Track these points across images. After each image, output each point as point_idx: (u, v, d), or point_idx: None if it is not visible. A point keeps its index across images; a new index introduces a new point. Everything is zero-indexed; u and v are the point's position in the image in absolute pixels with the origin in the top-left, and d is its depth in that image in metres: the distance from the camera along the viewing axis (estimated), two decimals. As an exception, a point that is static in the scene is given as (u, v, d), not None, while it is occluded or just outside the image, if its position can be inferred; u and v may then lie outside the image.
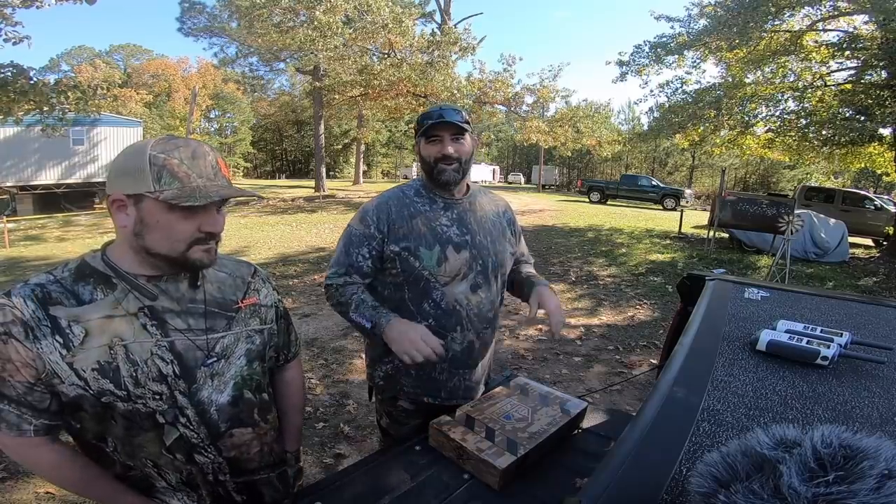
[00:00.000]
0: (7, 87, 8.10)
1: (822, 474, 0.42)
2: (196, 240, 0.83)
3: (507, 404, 1.29)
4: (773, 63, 9.66)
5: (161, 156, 0.79)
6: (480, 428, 1.17)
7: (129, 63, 39.62)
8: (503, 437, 1.13)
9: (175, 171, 0.79)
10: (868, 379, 0.86)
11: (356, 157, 27.45)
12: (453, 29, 14.64)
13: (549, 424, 1.19)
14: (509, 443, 1.11)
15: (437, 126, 1.30)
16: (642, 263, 7.74)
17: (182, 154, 0.80)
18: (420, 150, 1.36)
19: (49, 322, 0.78)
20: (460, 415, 1.22)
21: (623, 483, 0.62)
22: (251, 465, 0.98)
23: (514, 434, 1.15)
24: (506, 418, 1.22)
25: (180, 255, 0.83)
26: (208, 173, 0.82)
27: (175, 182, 0.79)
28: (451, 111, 1.31)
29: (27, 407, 0.79)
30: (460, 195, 1.39)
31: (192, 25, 22.82)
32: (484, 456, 1.06)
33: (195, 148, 0.82)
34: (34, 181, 16.42)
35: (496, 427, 1.17)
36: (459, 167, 1.32)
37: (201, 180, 0.81)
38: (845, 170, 18.65)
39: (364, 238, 1.33)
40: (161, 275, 0.87)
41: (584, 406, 1.31)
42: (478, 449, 1.09)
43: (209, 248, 0.86)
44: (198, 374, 0.88)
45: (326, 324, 4.72)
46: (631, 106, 39.97)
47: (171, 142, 0.81)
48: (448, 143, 1.30)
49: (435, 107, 1.34)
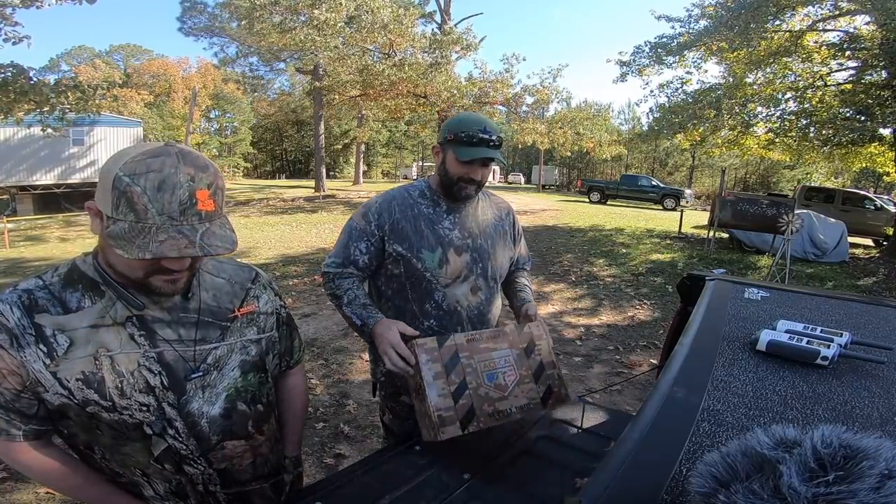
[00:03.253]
0: (7, 87, 8.10)
1: (822, 474, 0.42)
2: (155, 270, 0.77)
3: (504, 357, 1.20)
4: (774, 63, 9.66)
5: (125, 179, 0.70)
6: (457, 377, 1.11)
7: (129, 63, 39.62)
8: (468, 402, 1.08)
9: (133, 202, 0.70)
10: (868, 379, 0.86)
11: (356, 157, 27.45)
12: (455, 28, 14.65)
13: (519, 409, 1.14)
14: (468, 412, 1.06)
15: (476, 151, 1.27)
16: (642, 264, 7.74)
17: (148, 182, 0.70)
18: (446, 158, 1.32)
19: (34, 330, 0.76)
20: (450, 345, 1.15)
21: (623, 483, 0.62)
22: (243, 477, 0.95)
23: (481, 403, 1.09)
24: (488, 378, 1.14)
25: (139, 280, 0.79)
26: (171, 210, 0.71)
27: (130, 214, 0.70)
28: (492, 134, 1.27)
29: (15, 413, 0.78)
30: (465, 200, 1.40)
31: (193, 25, 22.88)
32: (436, 415, 1.03)
33: (167, 177, 0.71)
34: (34, 181, 16.42)
35: (471, 384, 1.11)
36: (478, 188, 1.35)
37: (161, 218, 0.71)
38: (845, 170, 18.65)
39: (363, 234, 1.34)
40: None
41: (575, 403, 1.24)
42: (436, 407, 1.05)
43: (174, 279, 0.80)
44: (187, 385, 0.85)
45: (326, 324, 4.72)
46: (631, 106, 40.03)
47: (146, 162, 0.71)
48: (479, 168, 1.31)
49: (476, 121, 1.29)
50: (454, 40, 13.56)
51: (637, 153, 37.52)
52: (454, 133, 1.29)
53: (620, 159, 39.37)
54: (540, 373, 1.23)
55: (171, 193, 0.71)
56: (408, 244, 1.32)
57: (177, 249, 0.71)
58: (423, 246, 1.32)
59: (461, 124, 1.29)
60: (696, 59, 10.45)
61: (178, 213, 0.72)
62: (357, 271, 1.36)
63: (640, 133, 15.34)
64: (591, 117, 15.78)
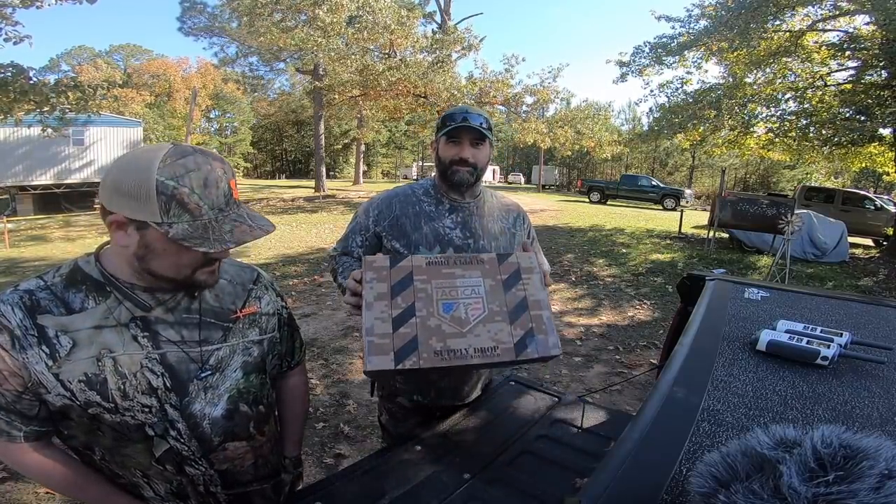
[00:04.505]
0: (7, 87, 8.10)
1: (822, 474, 0.42)
2: (202, 264, 0.81)
3: (472, 287, 0.95)
4: (774, 63, 9.66)
5: (170, 183, 0.72)
6: (404, 302, 0.90)
7: (129, 63, 39.56)
8: (411, 332, 0.87)
9: (185, 203, 0.73)
10: (868, 379, 0.86)
11: (356, 157, 27.44)
12: (456, 28, 14.64)
13: (479, 352, 0.87)
14: (407, 344, 0.85)
15: (459, 128, 1.29)
16: (642, 264, 7.74)
17: (193, 182, 0.73)
18: (438, 148, 1.36)
19: (36, 331, 0.76)
20: (405, 265, 0.96)
21: (623, 483, 0.62)
22: (244, 478, 0.96)
23: (428, 336, 0.87)
24: (445, 308, 0.91)
25: (185, 279, 0.81)
26: (220, 203, 0.77)
27: (185, 215, 0.74)
28: (475, 115, 1.30)
29: (16, 414, 0.78)
30: (469, 198, 1.39)
31: (193, 25, 22.88)
32: (366, 340, 0.86)
33: (207, 174, 0.75)
34: (34, 181, 16.42)
35: (419, 311, 0.89)
36: (474, 172, 1.33)
37: (213, 212, 0.76)
38: (845, 170, 18.65)
39: (362, 228, 1.38)
40: (157, 286, 0.84)
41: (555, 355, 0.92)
42: (369, 331, 0.87)
43: (213, 269, 0.84)
44: (190, 386, 0.85)
45: (326, 324, 4.72)
46: (631, 106, 40.05)
47: (180, 163, 0.73)
48: (467, 147, 1.31)
49: (461, 107, 1.33)
50: (456, 40, 13.56)
51: (637, 153, 37.49)
52: (442, 121, 1.34)
53: (620, 159, 39.40)
54: (519, 312, 0.94)
55: (216, 188, 0.76)
56: (406, 241, 1.32)
57: (250, 234, 0.79)
58: (420, 243, 1.32)
59: (447, 114, 1.34)
60: (696, 59, 10.45)
61: (224, 205, 0.77)
62: (354, 260, 1.39)
63: (640, 133, 15.34)
64: (592, 116, 15.78)
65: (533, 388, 1.59)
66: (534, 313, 0.94)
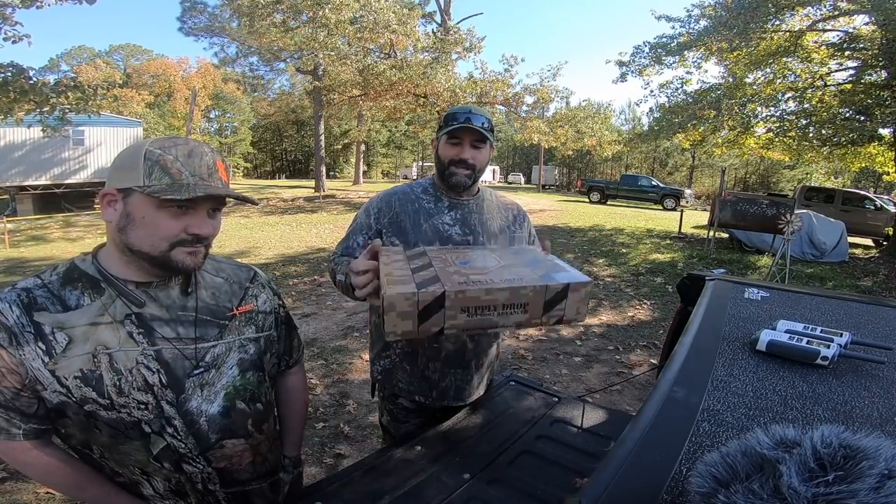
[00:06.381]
0: (7, 87, 8.10)
1: (822, 474, 0.42)
2: (180, 241, 0.80)
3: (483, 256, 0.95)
4: (774, 63, 9.66)
5: (157, 151, 0.78)
6: (421, 261, 0.89)
7: (129, 63, 39.57)
8: (432, 273, 0.81)
9: (167, 167, 0.77)
10: (868, 379, 0.86)
11: (356, 157, 27.44)
12: (458, 28, 14.64)
13: (504, 283, 0.79)
14: (430, 279, 0.79)
15: (460, 129, 1.29)
16: (642, 264, 7.74)
17: (178, 152, 0.79)
18: (438, 147, 1.35)
19: (32, 328, 0.76)
20: (418, 251, 0.97)
21: (623, 483, 0.62)
22: (243, 476, 0.95)
23: (448, 276, 0.81)
24: (461, 263, 0.89)
25: (161, 255, 0.80)
26: (202, 173, 0.80)
27: (165, 178, 0.77)
28: (478, 116, 1.30)
29: (15, 411, 0.78)
30: (468, 196, 1.40)
31: (193, 25, 22.86)
32: (384, 277, 0.80)
33: (193, 147, 0.81)
34: (34, 181, 16.42)
35: (437, 265, 0.86)
36: (472, 174, 1.33)
37: (193, 178, 0.79)
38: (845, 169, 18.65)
39: (362, 227, 1.37)
40: (151, 281, 0.84)
41: (584, 281, 0.85)
42: (391, 273, 0.81)
43: (194, 252, 0.83)
44: (186, 384, 0.85)
45: (326, 324, 4.72)
46: (632, 106, 40.06)
47: (169, 140, 0.81)
48: (467, 147, 1.31)
49: (464, 107, 1.33)
50: (457, 41, 13.56)
51: (637, 153, 37.52)
52: (445, 120, 1.33)
53: (620, 159, 39.43)
54: (536, 263, 0.92)
55: (199, 159, 0.80)
56: (405, 238, 1.32)
57: (223, 191, 0.81)
58: (419, 240, 1.32)
59: (450, 113, 1.34)
60: (696, 60, 10.45)
61: (206, 176, 0.81)
62: None
63: (640, 133, 15.32)
64: (592, 115, 15.78)
65: (533, 388, 1.59)
66: (549, 263, 0.92)
